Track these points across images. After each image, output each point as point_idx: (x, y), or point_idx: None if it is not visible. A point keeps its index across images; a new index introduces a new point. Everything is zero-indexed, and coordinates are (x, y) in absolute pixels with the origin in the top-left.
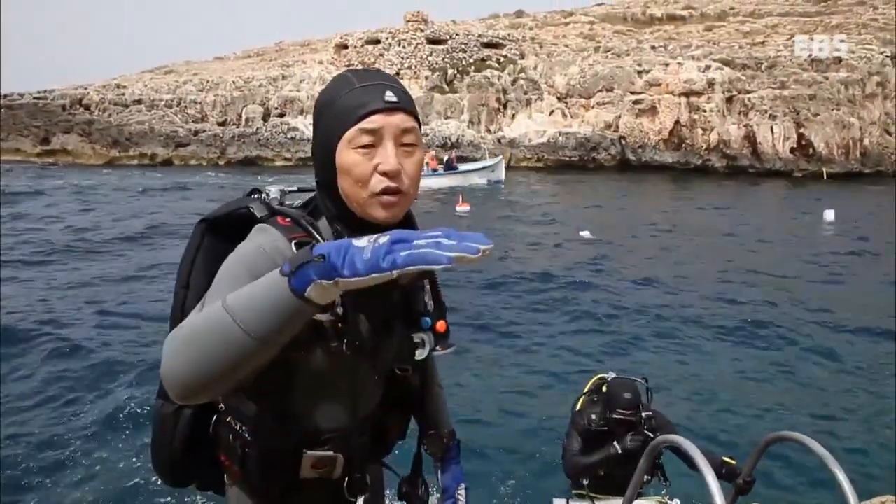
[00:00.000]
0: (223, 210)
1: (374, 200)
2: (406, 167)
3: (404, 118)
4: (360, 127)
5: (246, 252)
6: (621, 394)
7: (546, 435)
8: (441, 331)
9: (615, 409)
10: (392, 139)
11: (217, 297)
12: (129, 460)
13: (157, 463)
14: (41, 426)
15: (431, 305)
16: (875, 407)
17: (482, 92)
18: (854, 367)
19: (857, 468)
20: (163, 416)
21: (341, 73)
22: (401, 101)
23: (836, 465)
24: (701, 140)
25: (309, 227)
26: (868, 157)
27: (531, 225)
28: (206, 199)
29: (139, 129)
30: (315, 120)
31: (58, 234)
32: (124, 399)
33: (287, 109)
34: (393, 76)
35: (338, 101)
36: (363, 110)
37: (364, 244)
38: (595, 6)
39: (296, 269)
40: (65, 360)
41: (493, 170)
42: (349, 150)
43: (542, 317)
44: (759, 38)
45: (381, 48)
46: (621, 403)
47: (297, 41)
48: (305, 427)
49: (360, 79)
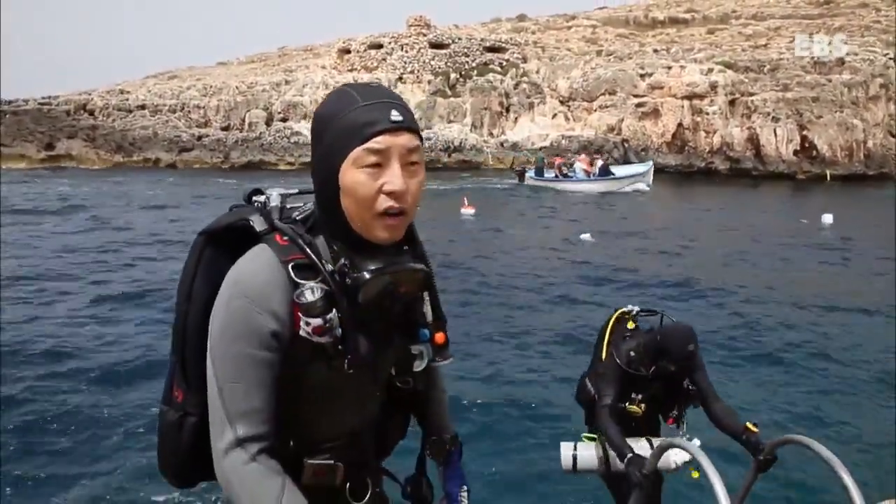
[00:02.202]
0: (222, 222)
1: (377, 221)
2: (410, 187)
3: (410, 138)
4: (367, 147)
5: (238, 320)
6: (684, 345)
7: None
8: (440, 342)
9: (675, 359)
10: (398, 159)
11: (230, 380)
12: (135, 459)
13: (163, 466)
14: (42, 426)
15: (431, 317)
16: (878, 407)
17: (485, 96)
18: (855, 367)
19: (862, 471)
20: (168, 422)
21: (341, 88)
22: (406, 120)
23: (843, 468)
24: (704, 143)
25: (306, 248)
26: (872, 159)
27: (533, 227)
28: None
29: (143, 134)
30: (316, 136)
31: (61, 237)
32: (129, 401)
33: (290, 114)
34: (394, 92)
35: (341, 118)
36: (369, 130)
37: None
38: (597, 10)
39: None
40: (67, 361)
41: (644, 175)
42: (354, 169)
43: (543, 318)
44: (762, 41)
45: (384, 53)
46: (684, 353)
47: (299, 46)
48: (306, 437)
49: (364, 96)
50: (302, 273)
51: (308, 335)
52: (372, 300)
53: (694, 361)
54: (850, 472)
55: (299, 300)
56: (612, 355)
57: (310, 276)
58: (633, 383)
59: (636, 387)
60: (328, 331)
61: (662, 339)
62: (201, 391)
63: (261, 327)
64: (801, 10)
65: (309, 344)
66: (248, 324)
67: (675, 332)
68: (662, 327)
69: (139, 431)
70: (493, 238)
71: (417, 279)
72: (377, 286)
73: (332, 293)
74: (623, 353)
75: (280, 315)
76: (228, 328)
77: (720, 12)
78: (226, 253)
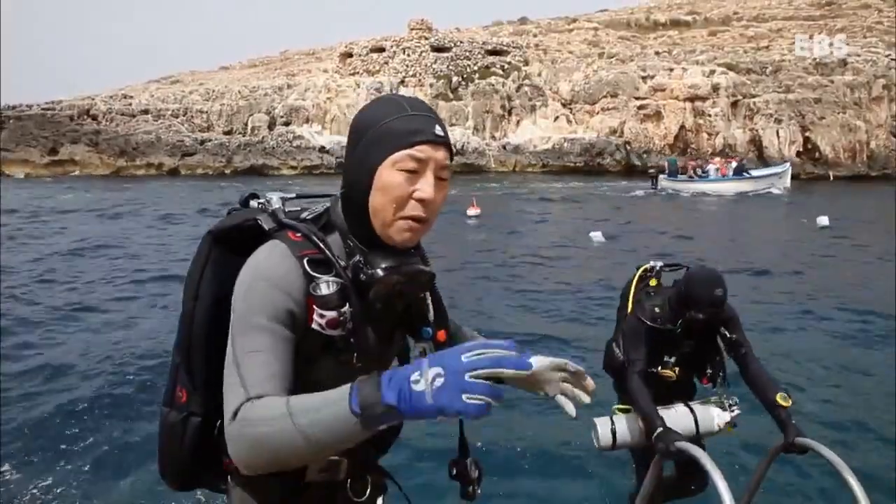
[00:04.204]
0: (230, 222)
1: (400, 223)
2: (436, 199)
3: (446, 155)
4: (410, 153)
5: (259, 297)
6: (710, 289)
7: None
8: (442, 340)
9: (702, 306)
10: (433, 171)
11: (249, 350)
12: (135, 462)
13: (164, 469)
14: (44, 427)
15: (433, 314)
16: (882, 409)
17: (487, 99)
18: (855, 367)
19: (866, 474)
20: (170, 424)
21: (389, 95)
22: (446, 138)
23: (849, 472)
24: (706, 144)
25: (320, 244)
26: (875, 160)
27: (541, 228)
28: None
29: (146, 139)
30: (358, 133)
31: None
32: (130, 401)
33: (292, 118)
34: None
35: (389, 121)
36: (415, 138)
37: (422, 387)
38: (599, 12)
39: (367, 415)
40: (70, 363)
41: (781, 176)
42: (393, 170)
43: (546, 318)
44: (764, 43)
45: (386, 56)
46: (714, 300)
47: (301, 50)
48: None
49: (412, 106)
50: (317, 267)
51: (321, 328)
52: (382, 297)
53: (724, 309)
54: (855, 476)
55: (315, 293)
56: (636, 314)
57: (324, 271)
58: (663, 343)
59: (666, 347)
60: (341, 324)
61: (687, 286)
62: (207, 391)
63: (281, 304)
64: (803, 11)
65: (319, 338)
66: (270, 301)
67: (699, 276)
68: (686, 274)
69: (140, 435)
70: (500, 237)
71: (424, 280)
72: (389, 284)
73: (346, 288)
74: (647, 310)
75: (298, 301)
76: (249, 305)
77: (722, 14)
78: (234, 252)
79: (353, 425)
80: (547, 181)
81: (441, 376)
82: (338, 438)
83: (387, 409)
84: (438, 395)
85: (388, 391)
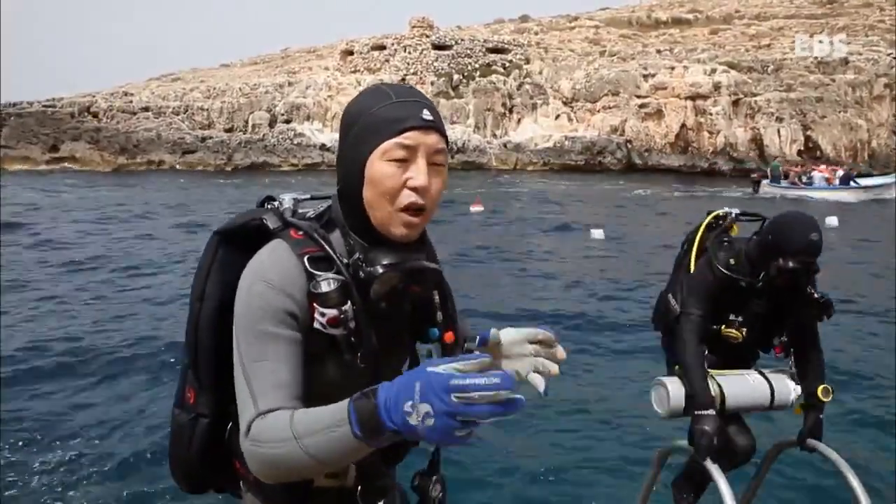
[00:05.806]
0: (237, 222)
1: (397, 216)
2: (432, 186)
3: (438, 139)
4: (397, 141)
5: (259, 301)
6: (806, 232)
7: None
8: (449, 342)
9: (794, 252)
10: (425, 157)
11: (255, 359)
12: (145, 464)
13: (175, 470)
14: (48, 429)
15: (441, 315)
16: (884, 410)
17: (488, 97)
18: (855, 367)
19: (867, 474)
20: (179, 425)
21: (375, 85)
22: (436, 121)
23: (850, 471)
24: (707, 143)
25: (321, 241)
26: (876, 158)
27: (543, 224)
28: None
29: (147, 136)
30: (345, 127)
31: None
32: (140, 403)
33: (293, 116)
34: (425, 95)
35: (374, 112)
36: (401, 125)
37: (414, 421)
38: (600, 10)
39: (368, 438)
40: (75, 363)
41: (892, 186)
42: (382, 161)
43: (551, 317)
44: (765, 41)
45: (387, 54)
46: (810, 245)
47: (302, 48)
48: None
49: (397, 94)
50: (317, 265)
51: (322, 326)
52: (384, 295)
53: (816, 262)
54: (856, 475)
55: (315, 290)
56: (703, 266)
57: (324, 269)
58: (732, 298)
59: (735, 304)
60: (342, 322)
61: (776, 230)
62: (214, 391)
63: (281, 307)
64: (805, 9)
65: (322, 338)
66: (270, 304)
67: (792, 218)
68: (774, 218)
69: (152, 436)
70: (503, 232)
71: (429, 277)
72: (390, 281)
73: (347, 285)
74: (722, 258)
75: (299, 301)
76: (251, 311)
77: (723, 12)
78: (240, 252)
79: (359, 443)
80: (548, 179)
81: (430, 416)
82: (346, 456)
83: (389, 433)
84: (430, 434)
85: (386, 418)
